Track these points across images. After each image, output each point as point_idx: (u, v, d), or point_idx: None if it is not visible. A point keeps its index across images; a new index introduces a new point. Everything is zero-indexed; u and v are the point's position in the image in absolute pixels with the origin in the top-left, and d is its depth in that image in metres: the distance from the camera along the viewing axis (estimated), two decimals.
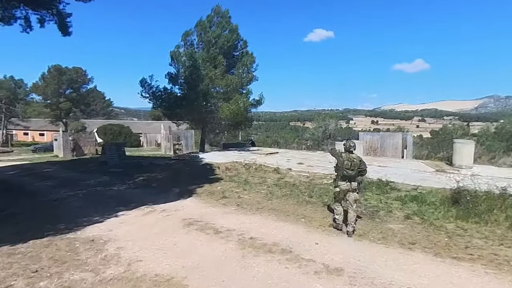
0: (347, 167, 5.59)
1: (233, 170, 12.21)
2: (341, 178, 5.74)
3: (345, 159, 5.67)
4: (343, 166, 5.63)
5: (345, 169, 5.61)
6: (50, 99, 44.76)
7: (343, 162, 5.65)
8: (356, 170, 5.65)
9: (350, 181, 5.70)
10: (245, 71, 18.09)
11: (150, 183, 10.24)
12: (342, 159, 5.70)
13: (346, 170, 5.60)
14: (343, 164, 5.63)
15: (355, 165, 5.61)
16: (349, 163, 5.61)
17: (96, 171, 13.62)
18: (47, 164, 17.68)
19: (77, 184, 10.52)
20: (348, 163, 5.60)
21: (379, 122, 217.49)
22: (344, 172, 5.63)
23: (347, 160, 5.63)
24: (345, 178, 5.70)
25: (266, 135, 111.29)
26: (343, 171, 5.65)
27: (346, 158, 5.67)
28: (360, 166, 5.68)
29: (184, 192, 8.78)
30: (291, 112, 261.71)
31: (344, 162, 5.63)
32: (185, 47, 18.27)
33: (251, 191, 8.80)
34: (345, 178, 5.69)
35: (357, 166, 5.63)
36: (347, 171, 5.60)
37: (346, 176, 5.65)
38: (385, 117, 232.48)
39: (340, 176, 5.75)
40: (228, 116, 16.93)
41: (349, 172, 5.60)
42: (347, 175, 5.63)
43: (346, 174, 5.64)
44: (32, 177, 12.57)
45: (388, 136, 17.59)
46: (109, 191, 9.33)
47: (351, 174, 5.62)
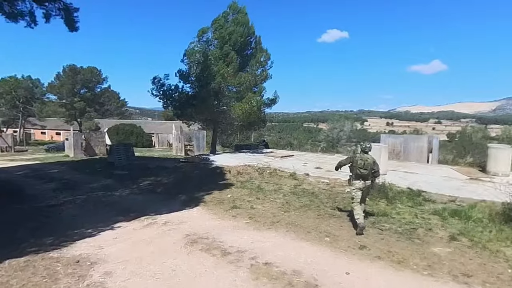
0: (360, 166, 5.86)
1: (245, 174, 11.31)
2: (355, 177, 6.01)
3: (358, 158, 5.95)
4: (357, 165, 5.90)
5: (358, 168, 5.88)
6: (65, 99, 45.09)
7: (357, 161, 5.92)
8: (369, 170, 5.90)
9: (364, 180, 5.95)
10: (259, 68, 17.16)
11: (155, 189, 9.45)
12: (356, 158, 5.98)
13: (359, 169, 5.88)
14: (357, 163, 5.91)
15: (368, 165, 5.86)
16: (362, 162, 5.87)
17: (101, 172, 12.98)
18: (56, 165, 17.26)
19: (78, 188, 9.85)
20: (362, 162, 5.87)
21: (394, 124, 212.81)
22: (357, 171, 5.91)
23: (360, 160, 5.90)
24: (358, 177, 5.95)
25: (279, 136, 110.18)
26: (356, 170, 5.93)
27: (360, 158, 5.94)
28: (373, 167, 5.93)
29: (190, 200, 7.93)
30: (305, 113, 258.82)
31: (358, 161, 5.90)
32: (199, 43, 17.50)
33: (265, 200, 7.87)
34: (358, 176, 5.95)
35: (370, 166, 5.88)
36: (360, 169, 5.87)
37: (359, 175, 5.92)
38: (400, 119, 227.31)
39: (354, 174, 6.04)
40: (241, 116, 16.03)
41: (362, 171, 5.86)
42: (360, 174, 5.90)
43: (359, 173, 5.91)
44: (36, 179, 12.03)
45: (412, 139, 16.33)
46: (110, 196, 8.58)
47: (364, 173, 5.87)
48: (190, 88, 18.36)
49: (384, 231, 5.62)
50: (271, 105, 18.01)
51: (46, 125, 54.47)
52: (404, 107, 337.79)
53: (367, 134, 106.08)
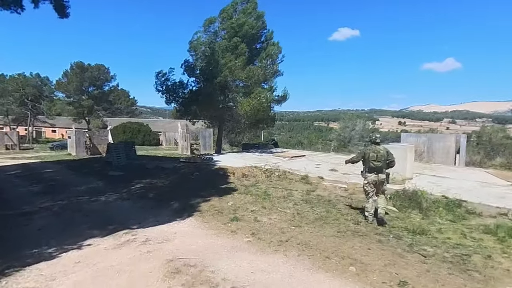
0: (373, 159, 5.64)
1: (250, 177, 10.05)
2: (368, 170, 5.76)
3: (370, 150, 5.72)
4: (369, 158, 5.67)
5: (371, 161, 5.66)
6: (72, 97, 44.72)
7: (369, 154, 5.70)
8: (384, 162, 5.68)
9: (378, 173, 5.70)
10: (269, 62, 15.87)
11: (147, 193, 8.27)
12: (367, 151, 5.75)
13: (372, 162, 5.65)
14: (369, 156, 5.68)
15: (381, 156, 5.65)
16: (375, 154, 5.65)
17: (96, 173, 11.93)
18: (54, 164, 16.37)
19: (63, 191, 8.77)
20: (374, 155, 5.65)
21: (406, 123, 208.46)
22: (371, 164, 5.67)
23: (372, 152, 5.68)
24: (372, 170, 5.71)
25: (289, 135, 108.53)
26: (369, 163, 5.69)
27: (371, 150, 5.72)
28: (388, 157, 5.74)
29: (184, 209, 6.72)
30: (315, 112, 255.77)
31: (370, 154, 5.68)
32: (205, 34, 16.33)
33: (273, 210, 6.59)
34: (372, 170, 5.71)
35: (384, 157, 5.67)
36: (373, 162, 5.65)
37: (373, 168, 5.68)
38: (413, 118, 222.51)
39: (367, 168, 5.78)
40: (249, 112, 14.77)
41: (376, 163, 5.64)
42: (374, 166, 5.66)
43: (372, 166, 5.67)
44: (24, 179, 11.05)
45: (437, 138, 14.78)
46: (95, 202, 7.44)
47: (377, 165, 5.65)
48: (194, 83, 17.25)
49: (428, 258, 4.27)
50: (281, 102, 16.70)
51: (55, 123, 54.40)
52: (416, 106, 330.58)
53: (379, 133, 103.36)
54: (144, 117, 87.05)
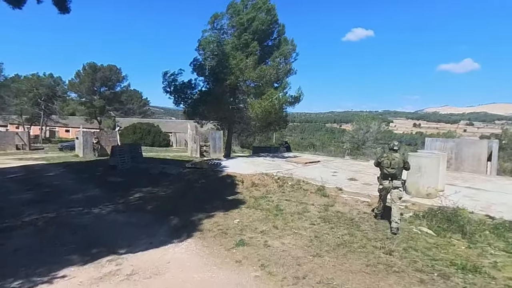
0: (387, 166, 5.72)
1: (261, 186, 9.10)
2: (383, 177, 5.85)
3: (385, 158, 5.79)
4: (383, 165, 5.76)
5: (385, 167, 5.75)
6: (84, 97, 44.83)
7: (383, 160, 5.78)
8: (398, 169, 5.71)
9: (392, 180, 5.76)
10: (282, 61, 14.87)
11: (145, 205, 7.44)
12: (382, 159, 5.82)
13: (386, 169, 5.73)
14: (383, 163, 5.76)
15: (395, 164, 5.67)
16: (388, 161, 5.71)
17: (96, 178, 11.23)
18: (58, 166, 15.85)
19: (57, 200, 8.05)
20: (388, 162, 5.71)
21: (421, 125, 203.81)
22: (385, 170, 5.75)
23: (386, 159, 5.74)
24: (386, 177, 5.79)
25: (301, 136, 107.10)
26: (383, 169, 5.78)
27: (386, 157, 5.78)
28: (404, 165, 5.79)
29: (183, 227, 5.83)
30: (327, 113, 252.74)
31: (384, 161, 5.75)
32: (213, 31, 15.46)
33: (286, 231, 5.62)
34: (386, 176, 5.79)
35: (399, 165, 5.68)
36: (387, 169, 5.72)
37: (387, 174, 5.75)
38: (429, 120, 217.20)
39: (382, 174, 5.86)
40: (260, 114, 13.81)
41: (389, 170, 5.71)
42: (387, 173, 5.74)
43: (386, 173, 5.75)
44: (21, 184, 10.43)
45: (467, 143, 13.48)
46: (85, 216, 6.64)
47: (391, 172, 5.71)
48: (203, 83, 16.43)
49: None
50: (294, 103, 15.65)
51: (68, 123, 54.82)
52: (432, 108, 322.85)
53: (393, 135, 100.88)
54: (157, 118, 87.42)
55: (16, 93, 43.68)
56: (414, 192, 8.10)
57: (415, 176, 8.07)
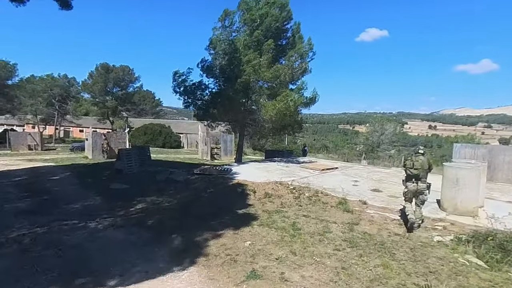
0: (410, 166, 5.88)
1: (275, 198, 8.23)
2: (407, 178, 6.01)
3: (408, 159, 6.00)
4: (406, 166, 5.99)
5: (407, 168, 5.93)
6: (97, 97, 44.93)
7: (406, 162, 6.04)
8: (421, 171, 5.78)
9: (417, 182, 5.87)
10: (298, 60, 13.96)
11: (146, 219, 6.67)
12: (406, 161, 6.06)
13: (409, 169, 5.90)
14: (406, 164, 6.01)
15: (418, 165, 5.78)
16: (411, 162, 5.87)
17: (99, 185, 10.61)
18: (63, 169, 15.43)
19: (52, 210, 7.41)
20: (411, 163, 5.88)
21: (437, 128, 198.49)
22: (408, 171, 5.93)
23: (409, 160, 5.94)
24: (410, 178, 5.94)
25: (313, 138, 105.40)
26: (407, 170, 5.97)
27: (409, 159, 5.99)
28: (429, 167, 5.87)
29: (185, 250, 5.01)
30: (340, 114, 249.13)
31: (407, 163, 5.98)
32: (223, 29, 14.70)
33: (305, 259, 4.73)
34: (410, 177, 5.94)
35: (422, 166, 5.76)
36: (410, 170, 5.88)
37: (410, 175, 5.90)
38: (445, 122, 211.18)
39: (406, 176, 6.01)
40: (274, 117, 12.95)
41: (412, 171, 5.85)
42: (411, 174, 5.88)
43: (409, 174, 5.90)
44: (20, 190, 9.89)
45: (501, 150, 12.25)
46: (78, 231, 5.92)
47: (414, 173, 5.83)
48: (213, 84, 15.69)
49: None
50: (309, 104, 14.73)
51: (82, 123, 55.23)
52: (448, 110, 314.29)
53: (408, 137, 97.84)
54: (170, 118, 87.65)
55: (31, 93, 44.11)
56: (451, 209, 7.08)
57: (452, 190, 7.06)
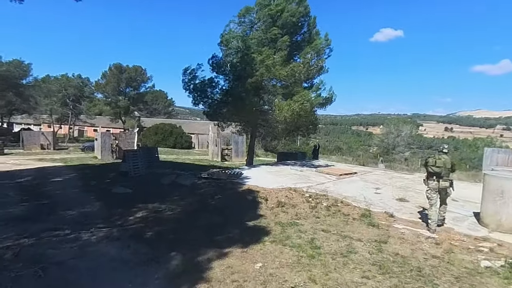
0: (432, 164, 5.88)
1: (289, 207, 7.41)
2: (429, 175, 6.00)
3: (431, 157, 6.00)
4: (428, 164, 5.95)
5: (429, 166, 5.91)
6: (110, 97, 45.10)
7: (428, 160, 5.99)
8: (443, 169, 5.81)
9: (439, 180, 5.88)
10: (314, 57, 13.08)
11: (145, 230, 5.97)
12: (428, 159, 6.01)
13: (431, 167, 5.89)
14: (428, 162, 5.97)
15: (440, 163, 5.79)
16: (433, 160, 5.87)
17: (102, 188, 10.02)
18: (70, 170, 15.03)
19: (47, 217, 6.82)
20: (433, 161, 5.88)
21: (453, 130, 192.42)
22: (430, 169, 5.92)
23: (432, 158, 5.94)
24: (432, 175, 5.94)
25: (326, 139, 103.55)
26: (429, 168, 5.94)
27: (432, 157, 6.00)
28: (452, 167, 5.94)
29: (183, 272, 4.26)
30: (353, 115, 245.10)
31: (429, 161, 5.94)
32: (240, 25, 14.00)
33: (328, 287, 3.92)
34: (431, 175, 5.95)
35: (444, 164, 5.79)
36: (431, 167, 5.88)
37: (432, 173, 5.91)
38: (462, 124, 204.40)
39: (428, 173, 6.01)
40: (288, 118, 12.12)
41: (434, 168, 5.84)
42: (432, 172, 5.89)
43: (431, 171, 5.91)
44: (20, 193, 9.40)
45: None
46: (67, 245, 5.26)
47: (436, 170, 5.84)
48: (223, 81, 14.99)
49: None
50: (325, 104, 13.82)
51: (95, 123, 55.71)
52: (465, 111, 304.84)
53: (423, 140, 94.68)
54: (182, 118, 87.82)
55: (46, 93, 44.66)
56: (494, 225, 6.12)
57: (496, 204, 6.10)
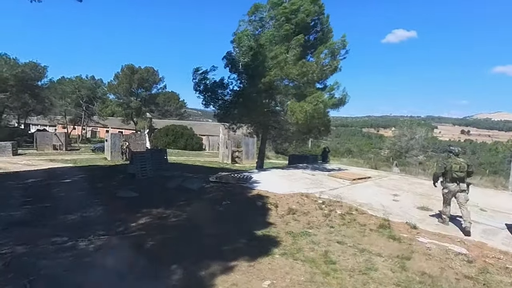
0: (456, 170, 5.97)
1: (300, 214, 6.91)
2: (450, 180, 6.09)
3: (453, 162, 6.03)
4: (452, 169, 6.01)
5: (454, 171, 5.98)
6: (122, 98, 45.44)
7: (451, 165, 6.02)
8: (465, 172, 6.00)
9: (459, 183, 6.02)
10: (328, 56, 12.50)
11: (146, 239, 5.57)
12: (450, 163, 6.04)
13: (455, 173, 5.97)
14: (452, 167, 6.01)
15: (463, 168, 5.97)
16: (457, 166, 5.97)
17: (107, 191, 9.74)
18: (78, 171, 14.93)
19: (46, 222, 6.53)
20: (457, 166, 5.97)
21: (470, 133, 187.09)
22: (454, 174, 6.00)
23: (455, 164, 6.00)
24: (454, 180, 6.04)
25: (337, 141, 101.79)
26: (452, 173, 6.01)
27: (454, 162, 6.05)
28: (468, 169, 6.04)
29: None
30: (364, 117, 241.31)
31: (453, 166, 6.00)
32: (250, 24, 13.59)
33: None
34: (454, 180, 6.04)
35: (465, 169, 5.99)
36: (456, 173, 5.97)
37: (455, 178, 6.01)
38: (479, 127, 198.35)
39: (449, 178, 6.09)
40: (301, 120, 11.58)
41: (459, 174, 5.97)
42: (456, 177, 5.99)
43: (455, 177, 6.00)
44: (25, 194, 9.24)
45: None
46: (62, 254, 4.91)
47: (460, 176, 5.98)
48: (236, 81, 14.59)
49: None
50: (338, 106, 13.23)
51: (107, 124, 56.32)
52: (483, 114, 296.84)
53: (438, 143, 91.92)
54: (194, 120, 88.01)
55: (61, 94, 45.35)
56: None
57: None
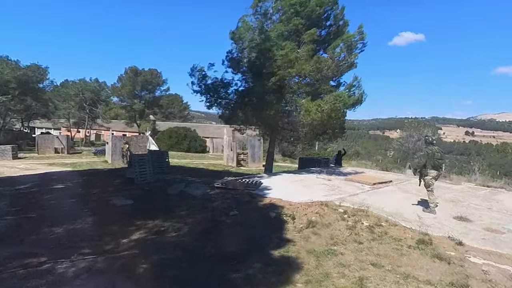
0: (438, 157, 6.47)
1: (321, 228, 5.90)
2: (432, 167, 6.52)
3: (435, 150, 6.47)
4: (435, 157, 6.44)
5: (437, 159, 6.45)
6: (125, 101, 44.85)
7: (434, 153, 6.44)
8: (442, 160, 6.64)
9: (438, 169, 6.58)
10: (344, 50, 11.46)
11: (137, 262, 4.55)
12: (433, 151, 6.47)
13: (437, 160, 6.47)
14: (434, 155, 6.44)
15: (442, 155, 6.69)
16: (439, 154, 6.48)
17: (102, 198, 8.82)
18: (76, 176, 14.04)
19: (26, 237, 5.63)
20: (438, 154, 6.47)
21: (475, 134, 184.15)
22: (436, 162, 6.47)
23: (437, 152, 6.47)
24: (436, 167, 6.53)
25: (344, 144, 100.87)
26: (434, 160, 6.45)
27: (436, 150, 6.48)
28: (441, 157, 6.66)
29: None
30: (371, 120, 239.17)
31: (435, 154, 6.44)
32: (255, 16, 12.65)
33: None
34: (436, 167, 6.52)
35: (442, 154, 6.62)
36: (438, 160, 6.49)
37: (436, 164, 6.51)
38: (483, 128, 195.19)
39: (431, 165, 6.50)
40: (317, 119, 10.56)
41: (440, 161, 6.56)
42: (438, 164, 6.52)
43: (437, 163, 6.50)
44: (12, 202, 8.31)
45: None
46: (33, 281, 3.99)
47: (440, 162, 6.61)
48: (241, 81, 13.62)
49: None
50: (355, 105, 12.18)
51: (111, 127, 55.73)
52: (487, 115, 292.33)
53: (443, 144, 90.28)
54: (197, 122, 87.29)
55: (65, 97, 44.92)
56: None
57: None
